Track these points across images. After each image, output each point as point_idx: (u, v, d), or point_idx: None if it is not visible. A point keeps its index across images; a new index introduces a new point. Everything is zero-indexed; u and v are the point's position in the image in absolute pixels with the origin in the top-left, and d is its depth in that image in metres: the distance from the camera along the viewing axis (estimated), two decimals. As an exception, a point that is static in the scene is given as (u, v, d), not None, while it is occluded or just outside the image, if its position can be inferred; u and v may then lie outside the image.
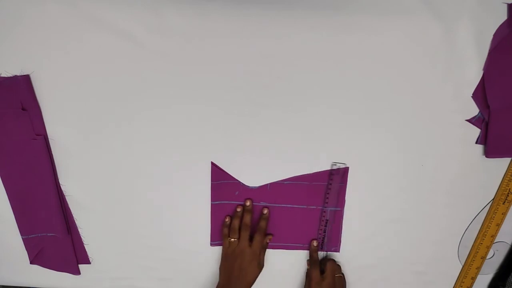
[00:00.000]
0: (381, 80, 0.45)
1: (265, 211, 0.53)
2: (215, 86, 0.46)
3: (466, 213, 0.53)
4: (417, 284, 0.58)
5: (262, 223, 0.53)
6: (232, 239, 0.52)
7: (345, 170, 0.50)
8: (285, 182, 0.51)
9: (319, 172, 0.51)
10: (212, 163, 0.50)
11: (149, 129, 0.49)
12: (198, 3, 0.42)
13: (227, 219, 0.54)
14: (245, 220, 0.53)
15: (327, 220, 0.53)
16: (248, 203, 0.53)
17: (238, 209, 0.53)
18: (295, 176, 0.51)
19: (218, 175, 0.51)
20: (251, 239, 0.52)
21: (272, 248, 0.56)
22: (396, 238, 0.55)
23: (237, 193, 0.53)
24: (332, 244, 0.55)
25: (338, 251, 0.55)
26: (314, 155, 0.50)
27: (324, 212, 0.53)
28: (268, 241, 0.54)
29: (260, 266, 0.53)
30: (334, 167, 0.49)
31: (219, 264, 0.54)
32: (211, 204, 0.53)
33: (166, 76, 0.46)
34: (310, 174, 0.51)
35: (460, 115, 0.47)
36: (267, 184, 0.52)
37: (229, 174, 0.51)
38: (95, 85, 0.47)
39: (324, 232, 0.54)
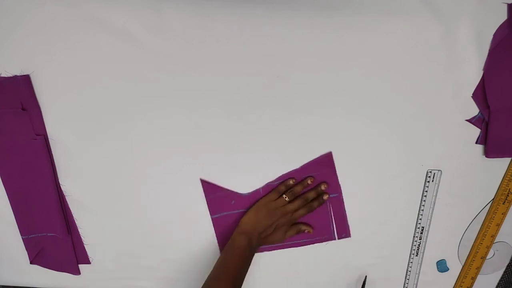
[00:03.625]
0: (381, 80, 0.45)
1: (325, 196, 0.51)
2: (215, 86, 0.46)
3: (466, 213, 0.53)
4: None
5: (315, 203, 0.51)
6: (286, 198, 0.50)
7: (328, 155, 0.50)
8: (276, 182, 0.51)
9: (305, 164, 0.50)
10: (201, 180, 0.51)
11: (149, 129, 0.49)
12: (198, 3, 0.42)
13: (292, 181, 0.51)
14: (309, 193, 0.51)
15: (330, 208, 0.53)
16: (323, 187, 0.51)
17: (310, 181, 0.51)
18: (284, 174, 0.51)
19: (211, 190, 0.52)
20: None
21: (272, 250, 0.56)
22: (396, 238, 0.55)
23: (233, 202, 0.52)
24: (342, 230, 0.54)
25: (349, 236, 0.54)
26: (314, 155, 0.50)
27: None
28: (304, 230, 0.53)
29: (281, 237, 0.52)
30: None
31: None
32: (212, 218, 0.53)
33: (166, 76, 0.46)
34: (297, 169, 0.50)
35: (460, 115, 0.47)
36: (259, 189, 0.52)
37: (220, 187, 0.51)
38: (95, 85, 0.47)
39: (331, 220, 0.53)
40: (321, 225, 0.54)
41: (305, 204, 0.51)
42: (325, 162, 0.50)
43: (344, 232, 0.54)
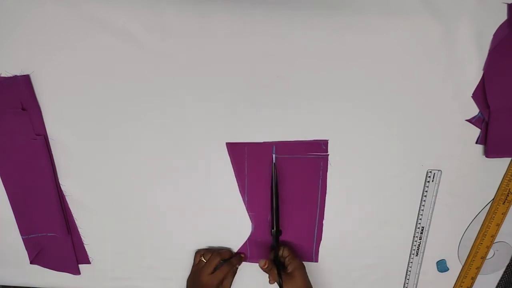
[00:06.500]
0: (381, 80, 0.45)
1: (243, 254, 0.56)
2: (215, 86, 0.46)
3: (466, 213, 0.53)
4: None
5: (234, 260, 0.55)
6: (202, 259, 0.54)
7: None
8: None
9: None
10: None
11: (149, 129, 0.49)
12: (198, 3, 0.42)
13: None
14: (223, 252, 0.54)
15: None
16: (243, 255, 0.56)
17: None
18: None
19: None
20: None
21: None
22: (396, 238, 0.55)
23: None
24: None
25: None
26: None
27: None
28: (237, 267, 0.56)
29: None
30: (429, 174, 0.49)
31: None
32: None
33: (166, 76, 0.46)
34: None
35: (460, 115, 0.47)
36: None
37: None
38: (95, 85, 0.47)
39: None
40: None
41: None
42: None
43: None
